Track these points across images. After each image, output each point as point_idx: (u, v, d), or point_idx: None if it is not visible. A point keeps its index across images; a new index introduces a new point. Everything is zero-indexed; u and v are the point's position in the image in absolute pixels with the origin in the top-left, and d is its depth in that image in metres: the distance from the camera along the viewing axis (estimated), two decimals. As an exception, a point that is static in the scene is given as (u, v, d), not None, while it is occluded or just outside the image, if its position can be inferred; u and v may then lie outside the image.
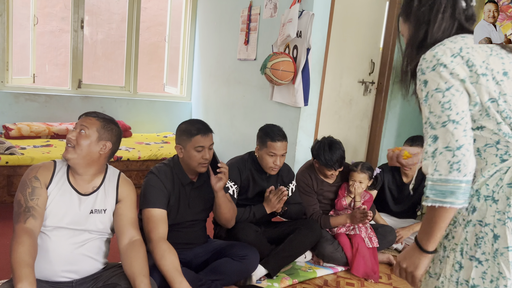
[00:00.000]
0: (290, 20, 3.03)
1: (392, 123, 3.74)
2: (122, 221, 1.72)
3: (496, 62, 1.08)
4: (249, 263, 2.11)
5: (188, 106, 5.10)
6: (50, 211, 1.60)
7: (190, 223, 2.10)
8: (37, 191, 1.58)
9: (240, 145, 3.96)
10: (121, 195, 1.76)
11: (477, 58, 1.08)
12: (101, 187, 1.72)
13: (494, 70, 1.07)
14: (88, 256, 1.66)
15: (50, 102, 4.22)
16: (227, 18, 4.22)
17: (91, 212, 1.67)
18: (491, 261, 1.04)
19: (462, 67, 1.06)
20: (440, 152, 1.02)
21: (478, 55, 1.08)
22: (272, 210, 2.40)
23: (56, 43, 5.71)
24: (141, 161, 3.72)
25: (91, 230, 1.67)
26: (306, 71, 3.04)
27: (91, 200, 1.68)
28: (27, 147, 3.46)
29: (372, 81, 3.67)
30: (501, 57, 1.10)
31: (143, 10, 5.01)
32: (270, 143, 2.33)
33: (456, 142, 1.01)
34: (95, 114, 1.70)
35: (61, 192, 1.63)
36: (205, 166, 2.00)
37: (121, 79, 4.81)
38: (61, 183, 1.64)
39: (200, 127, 1.98)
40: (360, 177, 2.70)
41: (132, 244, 1.68)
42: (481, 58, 1.08)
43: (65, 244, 1.61)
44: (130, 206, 1.76)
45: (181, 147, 2.00)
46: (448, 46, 1.09)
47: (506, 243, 1.02)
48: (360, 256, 2.52)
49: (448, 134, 1.02)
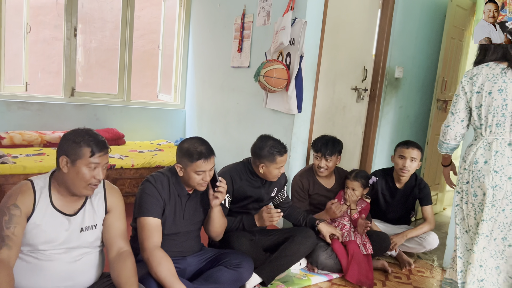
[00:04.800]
0: (283, 28, 3.05)
1: (385, 130, 3.76)
2: (111, 233, 1.70)
3: (487, 85, 1.86)
4: (243, 271, 2.10)
5: (182, 114, 5.10)
6: (39, 237, 1.54)
7: (185, 233, 2.09)
8: (14, 220, 1.49)
9: (234, 152, 3.96)
10: (110, 205, 1.73)
11: (479, 81, 1.89)
12: (87, 202, 1.68)
13: (484, 90, 1.87)
14: (84, 270, 1.65)
15: (43, 110, 4.20)
16: (221, 26, 4.24)
17: (82, 230, 1.64)
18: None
19: (469, 86, 1.92)
20: (444, 129, 2.03)
21: (480, 80, 1.89)
22: (261, 225, 2.41)
23: (49, 51, 5.70)
24: (135, 169, 3.71)
25: (84, 246, 1.65)
26: (299, 78, 3.05)
27: (79, 218, 1.64)
28: (19, 156, 3.43)
29: (365, 88, 3.69)
30: (494, 81, 1.85)
31: (136, 18, 5.01)
32: (279, 158, 2.37)
33: (448, 123, 2.00)
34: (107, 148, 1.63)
35: (47, 218, 1.57)
36: (204, 186, 2.00)
37: (115, 87, 4.80)
38: (45, 208, 1.57)
39: (202, 152, 1.93)
40: (353, 185, 2.71)
41: (120, 255, 1.67)
42: (481, 82, 1.88)
43: (59, 262, 1.59)
44: (119, 217, 1.73)
45: (182, 167, 1.97)
46: (472, 71, 1.94)
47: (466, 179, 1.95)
48: (355, 263, 2.52)
49: (449, 117, 2.00)
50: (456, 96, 1.97)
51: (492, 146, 1.85)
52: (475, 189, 1.88)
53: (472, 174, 1.89)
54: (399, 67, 3.74)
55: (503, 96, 1.82)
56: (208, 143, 2.00)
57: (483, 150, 1.87)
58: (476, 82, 1.88)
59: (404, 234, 2.86)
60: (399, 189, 2.99)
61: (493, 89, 1.83)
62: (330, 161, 2.73)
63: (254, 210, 2.54)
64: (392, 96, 3.78)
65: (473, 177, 1.88)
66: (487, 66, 1.88)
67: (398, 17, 3.64)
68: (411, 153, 2.87)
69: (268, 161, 2.38)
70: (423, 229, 2.90)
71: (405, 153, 2.89)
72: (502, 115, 1.83)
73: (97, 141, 1.59)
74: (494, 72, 1.85)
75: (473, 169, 1.88)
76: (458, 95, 1.95)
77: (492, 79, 1.84)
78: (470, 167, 1.89)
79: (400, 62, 3.75)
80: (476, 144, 1.91)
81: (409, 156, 2.87)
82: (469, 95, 1.90)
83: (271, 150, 2.37)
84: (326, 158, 2.71)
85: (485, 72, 1.87)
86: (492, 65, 1.86)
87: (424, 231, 2.90)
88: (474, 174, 1.88)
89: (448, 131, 1.98)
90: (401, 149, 2.92)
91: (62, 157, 1.57)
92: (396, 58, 3.72)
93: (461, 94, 1.93)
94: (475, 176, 1.88)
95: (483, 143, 1.88)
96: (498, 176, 1.81)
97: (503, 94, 1.82)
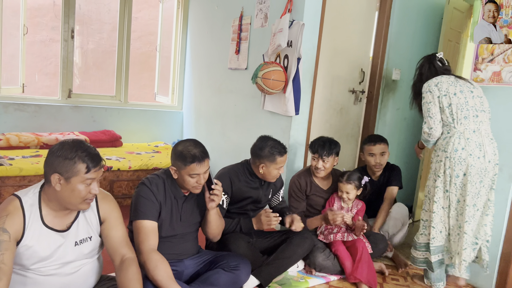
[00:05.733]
0: (281, 30, 3.05)
1: (382, 132, 3.76)
2: (111, 243, 1.65)
3: (451, 88, 2.36)
4: (240, 273, 2.09)
5: (179, 115, 5.09)
6: (32, 258, 1.48)
7: (182, 235, 2.08)
8: (3, 245, 1.38)
9: (231, 154, 3.96)
10: (104, 215, 1.66)
11: (444, 87, 2.37)
12: (79, 215, 1.60)
13: (450, 92, 2.35)
14: (82, 281, 1.62)
15: (40, 112, 4.19)
16: (218, 28, 4.24)
17: (76, 244, 1.58)
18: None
19: (437, 91, 2.38)
20: (427, 131, 2.44)
21: (444, 85, 2.37)
22: (259, 228, 2.41)
23: (46, 53, 5.69)
24: (132, 171, 3.70)
25: (80, 259, 1.60)
26: (297, 80, 3.05)
27: (72, 233, 1.57)
28: (16, 158, 3.42)
29: (363, 90, 3.70)
30: (455, 86, 2.36)
31: (134, 20, 5.01)
32: (279, 158, 2.39)
33: (431, 126, 2.41)
34: (101, 160, 1.55)
35: (39, 238, 1.49)
36: (199, 189, 1.99)
37: (112, 89, 4.79)
38: (36, 228, 1.48)
39: (196, 155, 1.91)
40: (346, 188, 2.71)
41: (122, 263, 1.64)
42: (445, 87, 2.37)
43: (56, 277, 1.54)
44: (115, 224, 1.67)
45: (176, 169, 1.96)
46: (432, 81, 2.43)
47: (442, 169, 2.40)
48: (364, 261, 2.50)
49: (429, 121, 2.41)
50: (428, 103, 2.40)
51: (464, 135, 2.31)
52: (457, 171, 2.31)
53: (453, 160, 2.31)
54: (396, 69, 3.75)
55: (463, 95, 2.34)
56: (203, 146, 1.99)
57: (459, 140, 2.31)
58: (441, 88, 2.37)
59: (375, 225, 2.90)
60: (375, 181, 3.08)
61: (456, 91, 2.35)
62: (327, 162, 2.73)
63: (252, 211, 2.54)
64: (389, 98, 3.78)
65: (455, 162, 2.31)
66: (441, 77, 2.42)
67: (395, 19, 3.65)
68: (379, 148, 2.99)
69: (268, 161, 2.39)
70: (384, 209, 2.93)
71: (373, 150, 2.99)
72: (467, 109, 2.33)
73: (91, 155, 1.49)
74: (450, 80, 2.39)
75: (454, 156, 2.31)
76: (430, 102, 2.39)
77: (452, 84, 2.37)
78: (452, 154, 2.32)
79: (397, 64, 3.76)
80: (453, 136, 2.34)
81: (378, 152, 2.99)
82: (440, 98, 2.37)
83: (272, 150, 2.38)
84: (323, 159, 2.72)
85: (445, 80, 2.39)
86: (449, 77, 2.42)
87: (386, 210, 2.93)
88: (456, 159, 2.31)
89: (433, 132, 2.41)
90: (369, 147, 3.01)
91: (54, 175, 1.45)
92: (393, 60, 3.73)
93: (433, 101, 2.39)
94: (457, 161, 2.30)
95: (458, 134, 2.32)
96: (472, 157, 2.28)
97: (463, 94, 2.34)
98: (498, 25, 2.01)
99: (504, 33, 2.26)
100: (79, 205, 1.52)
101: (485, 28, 1.77)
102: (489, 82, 2.49)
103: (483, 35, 1.78)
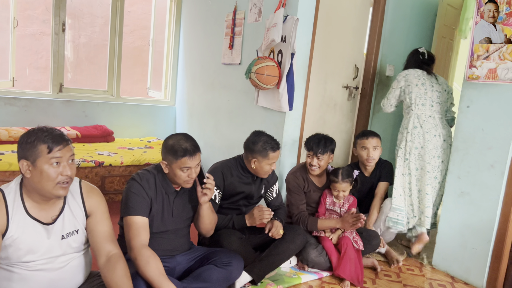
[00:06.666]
0: (275, 25, 3.03)
1: (376, 128, 3.77)
2: (96, 238, 1.62)
3: (415, 80, 2.97)
4: (233, 270, 2.08)
5: (172, 111, 5.06)
6: (19, 250, 1.46)
7: (174, 231, 2.06)
8: None
9: (224, 149, 3.94)
10: (90, 209, 1.64)
11: (410, 78, 2.99)
12: (65, 207, 1.58)
13: (413, 83, 2.97)
14: (70, 276, 1.59)
15: (30, 106, 4.13)
16: (212, 22, 4.21)
17: (63, 237, 1.55)
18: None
19: (404, 81, 3.02)
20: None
21: (410, 77, 3.00)
22: (252, 224, 2.40)
23: (37, 46, 5.61)
24: (124, 166, 3.66)
25: (68, 253, 1.58)
26: (290, 75, 3.04)
27: (58, 226, 1.55)
28: (5, 153, 3.37)
29: (356, 86, 3.69)
30: (418, 79, 2.98)
31: (126, 14, 4.96)
32: (271, 154, 2.39)
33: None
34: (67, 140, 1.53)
35: (24, 229, 1.47)
36: (191, 183, 1.97)
37: (104, 83, 4.74)
38: (20, 218, 1.47)
39: (187, 148, 1.89)
40: (342, 187, 2.70)
41: (109, 260, 1.60)
42: (411, 79, 2.98)
43: (44, 272, 1.51)
44: (101, 219, 1.65)
45: (167, 164, 1.94)
46: (405, 72, 3.05)
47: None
48: (347, 258, 2.50)
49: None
50: (393, 88, 3.07)
51: (420, 117, 2.92)
52: (416, 144, 2.91)
53: (413, 135, 2.91)
54: (390, 66, 3.75)
55: (424, 87, 2.95)
56: (194, 139, 1.97)
57: (417, 119, 2.92)
58: (408, 79, 2.99)
59: (370, 219, 2.91)
60: (368, 177, 3.07)
61: (418, 83, 2.96)
62: (322, 159, 2.72)
63: (244, 206, 2.53)
64: (383, 94, 3.78)
65: (414, 136, 2.91)
66: (412, 70, 3.03)
67: (389, 15, 3.64)
68: (372, 142, 2.99)
69: (261, 156, 2.38)
70: (375, 205, 2.96)
71: (366, 143, 2.99)
72: (424, 99, 2.93)
73: (52, 135, 1.48)
74: (417, 74, 3.00)
75: (414, 131, 2.92)
76: (394, 88, 3.06)
77: (416, 77, 2.98)
78: (412, 130, 2.92)
79: (391, 60, 3.75)
80: (411, 117, 2.95)
81: (371, 145, 2.99)
82: (404, 87, 3.01)
83: (264, 145, 2.37)
84: (318, 156, 2.70)
85: (412, 73, 3.01)
86: (416, 70, 3.02)
87: (377, 206, 2.96)
88: (415, 134, 2.91)
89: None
90: (362, 141, 3.01)
91: (22, 162, 1.45)
92: (387, 56, 3.72)
93: (396, 88, 3.05)
94: (415, 136, 2.91)
95: (415, 116, 2.93)
96: (428, 134, 2.87)
97: (424, 86, 2.95)
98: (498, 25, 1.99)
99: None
100: (54, 191, 1.48)
101: (485, 28, 1.75)
102: (484, 79, 2.47)
103: (483, 35, 1.76)
